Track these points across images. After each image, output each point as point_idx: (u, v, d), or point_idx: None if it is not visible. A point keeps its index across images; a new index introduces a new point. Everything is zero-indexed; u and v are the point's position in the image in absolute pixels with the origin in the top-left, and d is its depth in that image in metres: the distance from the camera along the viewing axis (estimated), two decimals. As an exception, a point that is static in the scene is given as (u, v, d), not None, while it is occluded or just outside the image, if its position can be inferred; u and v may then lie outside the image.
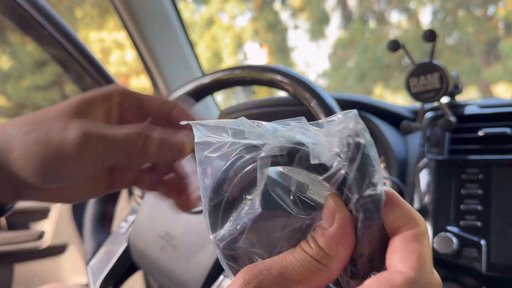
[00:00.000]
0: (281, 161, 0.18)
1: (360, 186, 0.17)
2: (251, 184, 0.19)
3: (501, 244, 0.46)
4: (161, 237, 0.46)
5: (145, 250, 0.48)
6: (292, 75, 0.48)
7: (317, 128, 0.19)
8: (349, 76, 3.91)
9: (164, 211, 0.47)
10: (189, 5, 4.09)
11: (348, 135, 0.17)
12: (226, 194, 0.19)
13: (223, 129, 0.20)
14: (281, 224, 0.19)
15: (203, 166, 0.20)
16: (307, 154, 0.17)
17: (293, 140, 0.18)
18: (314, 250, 0.17)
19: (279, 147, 0.18)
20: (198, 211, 0.45)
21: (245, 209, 0.19)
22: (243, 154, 0.19)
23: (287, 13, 4.44)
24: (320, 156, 0.17)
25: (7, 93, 2.49)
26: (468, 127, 0.55)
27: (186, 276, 0.43)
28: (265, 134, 0.19)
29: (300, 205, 0.19)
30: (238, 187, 0.19)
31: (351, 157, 0.17)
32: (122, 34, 3.64)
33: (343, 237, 0.17)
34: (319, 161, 0.17)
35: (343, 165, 0.17)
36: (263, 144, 0.18)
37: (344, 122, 0.18)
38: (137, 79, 3.06)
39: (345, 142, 0.17)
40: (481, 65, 3.30)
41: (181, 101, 0.28)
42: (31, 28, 0.92)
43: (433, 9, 3.72)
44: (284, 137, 0.18)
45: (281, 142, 0.18)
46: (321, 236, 0.17)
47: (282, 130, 0.19)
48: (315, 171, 0.18)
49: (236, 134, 0.19)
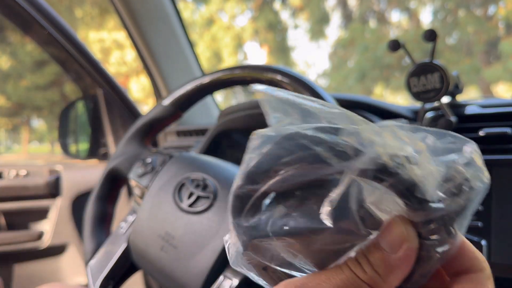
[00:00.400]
0: (370, 175, 0.15)
1: (447, 230, 0.15)
2: (313, 185, 0.16)
3: (502, 244, 0.46)
4: (161, 237, 0.46)
5: (145, 250, 0.48)
6: (292, 75, 0.47)
7: (423, 143, 0.16)
8: (349, 76, 3.91)
9: (164, 211, 0.47)
10: (189, 5, 4.08)
11: (465, 178, 0.15)
12: (271, 182, 0.16)
13: (308, 112, 0.17)
14: (330, 241, 0.16)
15: (260, 140, 0.17)
16: (409, 182, 0.15)
17: (394, 155, 0.15)
18: (368, 275, 0.16)
19: (373, 161, 0.15)
20: (198, 211, 0.45)
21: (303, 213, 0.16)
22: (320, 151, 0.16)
23: (287, 12, 4.43)
24: (425, 192, 0.15)
25: (7, 92, 2.48)
26: (468, 127, 0.55)
27: (186, 276, 0.43)
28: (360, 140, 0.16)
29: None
30: (291, 182, 0.16)
31: (457, 205, 0.15)
32: (122, 34, 3.64)
33: (403, 268, 0.16)
34: (422, 197, 0.15)
35: (443, 204, 0.15)
36: (355, 152, 0.15)
37: (458, 144, 0.15)
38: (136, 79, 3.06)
39: (458, 184, 0.15)
40: (482, 65, 3.30)
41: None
42: (31, 28, 0.92)
43: (433, 9, 3.72)
44: (384, 148, 0.15)
45: (378, 156, 0.15)
46: (380, 261, 0.16)
47: (383, 139, 0.16)
48: (406, 199, 0.15)
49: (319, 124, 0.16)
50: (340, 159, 0.15)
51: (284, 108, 0.17)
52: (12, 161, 3.23)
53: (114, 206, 0.59)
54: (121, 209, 0.95)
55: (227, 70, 0.52)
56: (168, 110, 0.56)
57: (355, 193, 0.16)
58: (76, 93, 1.10)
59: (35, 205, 1.01)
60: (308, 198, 0.16)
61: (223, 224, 0.43)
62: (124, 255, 0.51)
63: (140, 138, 0.58)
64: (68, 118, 1.07)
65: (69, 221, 1.01)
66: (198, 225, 0.44)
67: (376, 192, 0.16)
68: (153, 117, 0.57)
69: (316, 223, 0.16)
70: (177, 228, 0.45)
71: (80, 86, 1.06)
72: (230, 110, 0.83)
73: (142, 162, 0.54)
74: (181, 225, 0.45)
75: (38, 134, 4.50)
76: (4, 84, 2.37)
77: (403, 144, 0.16)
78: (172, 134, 1.05)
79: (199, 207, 0.45)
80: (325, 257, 0.17)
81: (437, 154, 0.16)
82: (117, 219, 0.62)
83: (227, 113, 0.83)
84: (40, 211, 1.02)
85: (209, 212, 0.44)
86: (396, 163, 0.15)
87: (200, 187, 0.46)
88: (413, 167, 0.15)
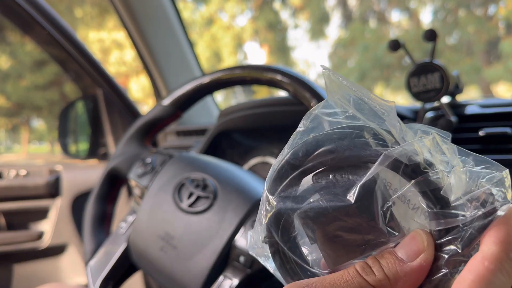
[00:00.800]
0: (402, 170, 0.16)
1: (464, 244, 0.15)
2: (347, 169, 0.17)
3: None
4: (161, 238, 0.46)
5: (145, 251, 0.48)
6: (292, 74, 0.47)
7: (458, 159, 0.16)
8: (350, 75, 3.91)
9: (164, 211, 0.47)
10: (188, 5, 4.08)
11: (491, 196, 0.15)
12: (314, 163, 0.17)
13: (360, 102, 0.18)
14: (349, 226, 0.17)
15: (310, 124, 0.18)
16: (435, 185, 0.15)
17: (428, 159, 0.16)
18: (377, 278, 0.15)
19: (408, 157, 0.16)
20: (198, 211, 0.45)
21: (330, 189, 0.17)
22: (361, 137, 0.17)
23: (287, 12, 4.43)
24: (449, 198, 0.15)
25: (7, 92, 2.48)
26: (468, 127, 0.55)
27: (186, 276, 0.43)
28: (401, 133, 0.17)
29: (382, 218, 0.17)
30: (329, 164, 0.17)
31: (479, 221, 0.15)
32: (121, 34, 3.64)
33: (414, 277, 0.15)
34: (445, 201, 0.15)
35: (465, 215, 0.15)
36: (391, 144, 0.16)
37: (492, 169, 0.16)
38: (136, 79, 3.06)
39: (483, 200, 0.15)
40: (482, 65, 3.30)
41: None
42: (31, 27, 0.92)
43: (433, 8, 3.72)
44: (421, 149, 0.16)
45: (413, 151, 0.16)
46: (393, 266, 0.16)
47: (422, 142, 0.16)
48: (431, 202, 0.16)
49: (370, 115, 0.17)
50: (379, 145, 0.17)
51: (342, 93, 0.18)
52: (12, 161, 3.23)
53: (114, 206, 0.59)
54: (121, 209, 0.95)
55: (227, 70, 0.52)
56: (167, 110, 0.56)
57: (382, 187, 0.17)
58: (76, 93, 1.10)
59: (35, 205, 1.01)
60: (340, 181, 0.17)
61: (223, 224, 0.43)
62: (124, 255, 0.51)
63: (140, 138, 0.58)
64: (68, 118, 1.07)
65: (69, 221, 1.01)
66: (198, 225, 0.44)
67: (403, 189, 0.16)
68: (152, 117, 0.57)
69: (340, 201, 0.17)
70: (177, 228, 0.45)
71: (80, 86, 1.06)
72: (230, 110, 0.83)
73: (142, 162, 0.54)
74: (181, 225, 0.45)
75: (38, 134, 4.49)
76: (4, 84, 2.37)
77: (440, 153, 0.16)
78: (172, 134, 1.05)
79: (199, 207, 0.45)
80: (337, 250, 0.17)
81: (472, 175, 0.16)
82: (117, 219, 0.62)
83: (227, 113, 0.83)
84: (40, 211, 1.02)
85: (209, 212, 0.44)
86: (427, 164, 0.16)
87: (200, 187, 0.46)
88: (444, 173, 0.16)
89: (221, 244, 0.42)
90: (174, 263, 0.44)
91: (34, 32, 0.93)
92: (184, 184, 0.48)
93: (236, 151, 0.86)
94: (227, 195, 0.45)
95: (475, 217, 0.15)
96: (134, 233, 0.49)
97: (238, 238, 0.42)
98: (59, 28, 0.89)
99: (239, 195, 0.44)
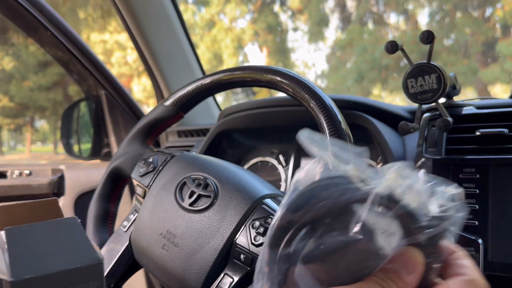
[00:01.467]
0: (383, 204, 0.20)
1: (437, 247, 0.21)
2: (339, 212, 0.20)
3: (498, 243, 0.47)
4: (163, 236, 0.47)
5: (147, 249, 0.48)
6: (292, 76, 0.48)
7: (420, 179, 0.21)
8: (348, 77, 3.91)
9: (165, 210, 0.48)
10: (190, 7, 4.09)
11: (448, 208, 0.20)
12: (309, 215, 0.20)
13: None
14: (353, 259, 0.20)
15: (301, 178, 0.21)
16: (408, 208, 0.20)
17: (397, 187, 0.20)
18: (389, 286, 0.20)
19: (388, 195, 0.20)
20: (199, 210, 0.46)
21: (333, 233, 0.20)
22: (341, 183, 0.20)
23: (287, 15, 4.44)
24: (420, 216, 0.20)
25: (10, 93, 2.49)
26: (465, 127, 0.56)
27: (187, 274, 0.44)
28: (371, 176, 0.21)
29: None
30: (323, 211, 0.20)
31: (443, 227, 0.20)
32: (124, 36, 3.65)
33: (417, 285, 0.20)
34: (418, 220, 0.20)
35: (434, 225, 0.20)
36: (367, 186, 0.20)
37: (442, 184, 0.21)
38: (138, 80, 3.06)
39: (443, 211, 0.20)
40: (478, 66, 3.30)
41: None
42: (34, 29, 0.93)
43: (430, 10, 3.72)
44: (391, 182, 0.20)
45: (389, 188, 0.20)
46: (400, 280, 0.20)
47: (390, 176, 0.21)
48: (404, 223, 0.20)
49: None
50: (365, 184, 0.20)
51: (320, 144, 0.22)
52: (16, 160, 3.23)
53: (117, 205, 0.60)
54: (123, 208, 0.95)
55: (228, 71, 0.53)
56: (169, 111, 0.57)
57: (373, 220, 0.20)
58: (79, 94, 1.11)
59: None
60: (336, 224, 0.20)
61: (223, 223, 0.44)
62: (126, 253, 0.52)
63: (142, 138, 0.58)
64: (71, 119, 1.08)
65: (71, 220, 1.01)
66: (199, 223, 0.45)
67: (386, 219, 0.20)
68: (155, 117, 0.57)
69: (347, 238, 0.19)
70: (178, 226, 0.46)
71: (83, 87, 1.07)
72: (230, 111, 0.83)
73: (144, 162, 0.54)
74: (182, 223, 0.46)
75: (41, 135, 4.50)
76: (8, 85, 2.38)
77: (405, 179, 0.20)
78: (173, 134, 1.05)
79: (200, 205, 0.46)
80: (347, 279, 0.20)
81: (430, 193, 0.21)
82: (119, 217, 0.63)
83: (228, 113, 0.84)
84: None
85: (210, 210, 0.45)
86: (399, 192, 0.20)
87: (201, 186, 0.47)
88: (411, 196, 0.20)
89: (222, 242, 0.43)
90: (175, 261, 0.45)
91: (38, 33, 0.94)
92: (186, 183, 0.48)
93: (237, 151, 0.87)
94: (227, 194, 0.45)
95: (440, 226, 0.20)
96: (136, 232, 0.50)
97: (238, 236, 0.43)
98: (62, 30, 0.90)
99: (239, 194, 0.45)
